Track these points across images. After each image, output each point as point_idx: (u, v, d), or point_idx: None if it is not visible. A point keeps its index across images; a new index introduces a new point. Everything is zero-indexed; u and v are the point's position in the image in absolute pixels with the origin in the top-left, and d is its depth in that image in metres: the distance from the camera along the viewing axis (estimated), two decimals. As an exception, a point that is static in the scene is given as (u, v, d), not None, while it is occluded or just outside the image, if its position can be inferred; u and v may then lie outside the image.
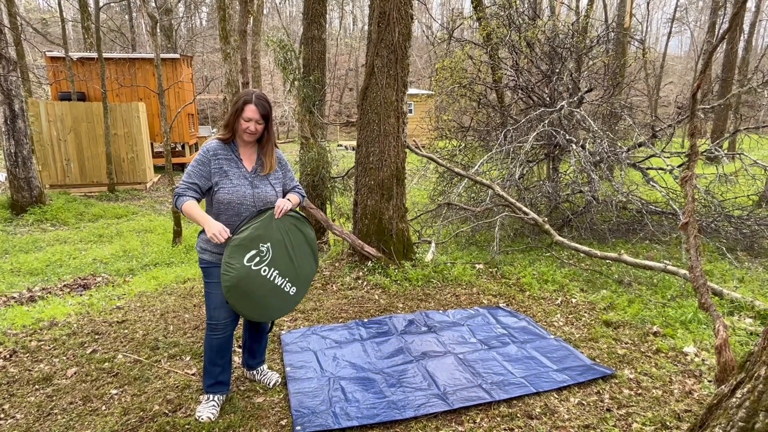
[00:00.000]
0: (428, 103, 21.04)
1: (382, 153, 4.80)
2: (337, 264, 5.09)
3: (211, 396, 2.62)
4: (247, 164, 2.54)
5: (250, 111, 2.43)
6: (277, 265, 2.50)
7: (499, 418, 2.55)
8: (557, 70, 6.88)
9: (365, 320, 3.81)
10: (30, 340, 3.55)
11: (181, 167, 16.20)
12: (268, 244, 2.45)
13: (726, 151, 6.37)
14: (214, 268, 2.50)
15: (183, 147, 17.07)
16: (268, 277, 2.47)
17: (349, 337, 3.51)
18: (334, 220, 6.09)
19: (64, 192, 11.69)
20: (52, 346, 3.46)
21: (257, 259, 2.42)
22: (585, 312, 3.96)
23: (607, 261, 5.09)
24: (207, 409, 2.57)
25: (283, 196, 2.66)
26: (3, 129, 9.32)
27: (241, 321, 2.86)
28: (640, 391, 2.79)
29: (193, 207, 2.39)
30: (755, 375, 1.61)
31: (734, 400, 1.66)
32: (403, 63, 4.70)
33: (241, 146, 2.54)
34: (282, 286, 2.54)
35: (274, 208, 2.49)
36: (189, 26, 37.52)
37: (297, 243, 2.57)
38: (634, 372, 2.98)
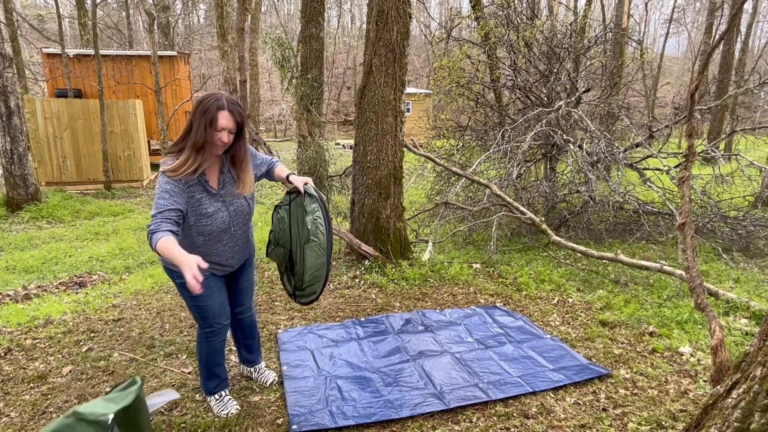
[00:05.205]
0: (426, 102, 20.99)
1: (380, 152, 4.80)
2: (334, 263, 5.09)
3: (223, 393, 2.64)
4: (213, 182, 2.24)
5: (225, 119, 2.08)
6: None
7: (495, 418, 2.55)
8: (555, 70, 6.89)
9: (362, 319, 3.81)
10: (25, 338, 3.53)
11: (178, 165, 16.12)
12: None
13: (722, 152, 6.39)
14: (209, 279, 2.33)
15: (180, 145, 17.00)
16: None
17: (345, 336, 3.51)
18: (331, 219, 6.08)
19: (60, 189, 11.62)
20: (47, 344, 3.45)
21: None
22: (581, 312, 3.96)
23: (604, 261, 5.10)
24: (229, 404, 2.61)
25: (270, 177, 2.60)
26: (-2, 126, 9.26)
27: None
28: (635, 390, 2.79)
29: (168, 243, 1.92)
30: (751, 375, 1.62)
31: (730, 400, 1.66)
32: (401, 62, 4.70)
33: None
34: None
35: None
36: (186, 23, 37.39)
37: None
38: (630, 372, 2.99)
